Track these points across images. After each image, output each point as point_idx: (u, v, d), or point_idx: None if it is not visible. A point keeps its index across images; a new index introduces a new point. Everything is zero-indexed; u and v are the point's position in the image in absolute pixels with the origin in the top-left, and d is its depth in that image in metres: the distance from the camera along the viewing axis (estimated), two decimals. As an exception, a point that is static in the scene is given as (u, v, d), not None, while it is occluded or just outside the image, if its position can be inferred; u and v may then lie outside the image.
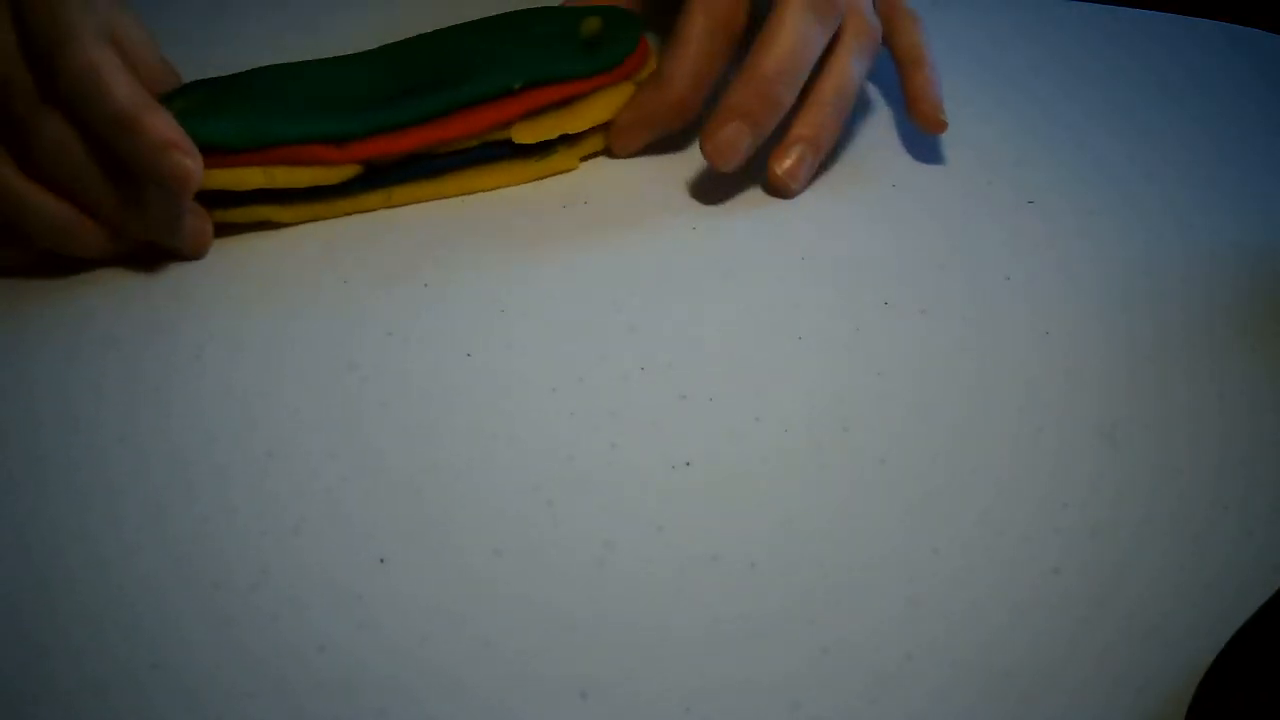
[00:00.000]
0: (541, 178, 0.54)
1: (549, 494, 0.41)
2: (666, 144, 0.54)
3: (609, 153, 0.55)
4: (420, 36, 0.55)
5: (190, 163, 0.46)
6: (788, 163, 0.52)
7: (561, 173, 0.54)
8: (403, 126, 0.51)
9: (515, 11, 0.56)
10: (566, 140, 0.53)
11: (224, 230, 0.50)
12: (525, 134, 0.52)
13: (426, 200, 0.52)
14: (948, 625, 0.38)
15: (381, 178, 0.52)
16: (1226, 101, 0.55)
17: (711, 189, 0.52)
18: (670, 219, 0.51)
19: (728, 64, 0.52)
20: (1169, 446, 0.43)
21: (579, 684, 0.37)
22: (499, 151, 0.53)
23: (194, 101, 0.50)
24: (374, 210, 0.52)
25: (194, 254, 0.49)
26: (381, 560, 0.40)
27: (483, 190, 0.53)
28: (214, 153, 0.48)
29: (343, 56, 0.54)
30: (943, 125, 0.53)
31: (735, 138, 0.50)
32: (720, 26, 0.51)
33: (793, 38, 0.50)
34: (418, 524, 0.41)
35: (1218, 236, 0.50)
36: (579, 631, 0.38)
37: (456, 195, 0.53)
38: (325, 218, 0.52)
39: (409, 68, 0.53)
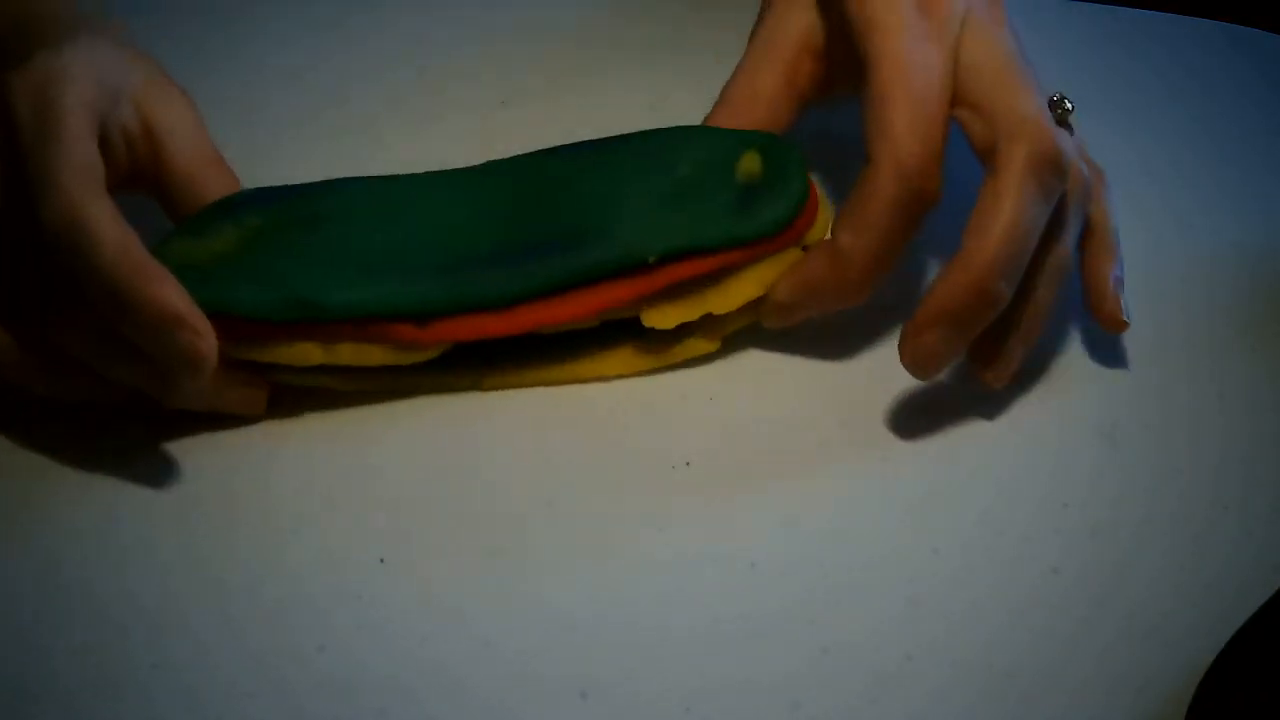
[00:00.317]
0: (672, 364, 0.44)
1: (549, 494, 0.41)
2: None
3: (757, 327, 0.44)
4: (536, 157, 0.44)
5: (201, 344, 0.38)
6: (1001, 367, 0.43)
7: (696, 357, 0.44)
8: (506, 305, 0.41)
9: (662, 131, 0.45)
10: (708, 318, 0.43)
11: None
12: (659, 318, 0.42)
13: (524, 387, 0.43)
14: (948, 625, 0.38)
15: (472, 355, 0.42)
16: (1226, 101, 0.55)
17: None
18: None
19: (917, 234, 0.42)
20: (1169, 446, 0.43)
21: (579, 684, 0.37)
22: (620, 329, 0.43)
23: (242, 238, 0.42)
24: (459, 393, 0.43)
25: (245, 414, 0.43)
26: (381, 560, 0.40)
27: (596, 379, 0.44)
28: (263, 325, 0.40)
29: (433, 175, 0.44)
30: (1124, 326, 0.44)
31: (942, 348, 0.41)
32: (914, 195, 0.41)
33: (1015, 217, 0.40)
34: (418, 524, 0.41)
35: (1218, 236, 0.50)
36: (579, 631, 0.38)
37: (562, 384, 0.43)
38: (398, 396, 0.43)
39: (518, 209, 0.43)
